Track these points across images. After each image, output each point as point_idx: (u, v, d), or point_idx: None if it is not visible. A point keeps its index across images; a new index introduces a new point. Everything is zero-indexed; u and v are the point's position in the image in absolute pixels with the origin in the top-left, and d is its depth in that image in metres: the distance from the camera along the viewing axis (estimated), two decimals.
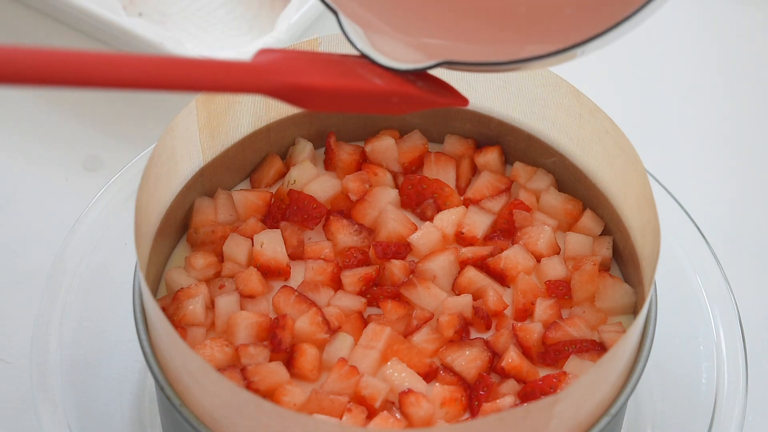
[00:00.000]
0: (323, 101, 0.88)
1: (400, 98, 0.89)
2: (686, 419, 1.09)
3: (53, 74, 0.75)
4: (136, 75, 0.78)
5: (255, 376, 0.95)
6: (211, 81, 0.82)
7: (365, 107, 0.93)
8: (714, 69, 1.55)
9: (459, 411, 0.95)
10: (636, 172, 0.98)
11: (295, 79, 0.84)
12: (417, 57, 0.90)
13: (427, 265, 1.04)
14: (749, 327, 1.13)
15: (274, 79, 0.84)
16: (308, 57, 0.88)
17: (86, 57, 0.76)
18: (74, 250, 1.15)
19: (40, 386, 1.06)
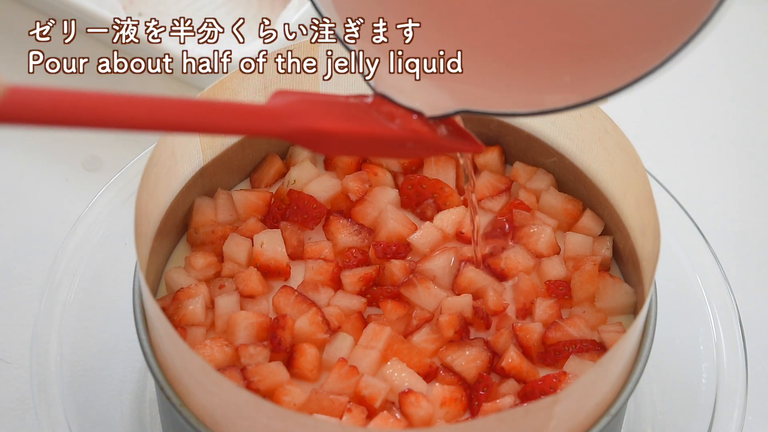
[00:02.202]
0: (339, 145, 0.88)
1: (415, 143, 0.89)
2: (686, 419, 1.09)
3: (69, 116, 0.75)
4: (152, 117, 0.78)
5: (255, 376, 0.95)
6: (226, 125, 0.82)
7: (380, 152, 0.94)
8: (714, 69, 1.55)
9: (459, 411, 0.95)
10: (636, 172, 0.98)
11: (311, 123, 0.84)
12: (440, 102, 0.89)
13: (427, 265, 1.04)
14: (749, 327, 1.13)
15: (290, 124, 0.84)
16: (324, 100, 0.88)
17: (105, 99, 0.76)
18: (74, 250, 1.15)
19: (40, 386, 1.06)
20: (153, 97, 0.79)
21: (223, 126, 0.83)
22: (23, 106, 0.73)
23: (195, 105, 0.81)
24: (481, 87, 0.90)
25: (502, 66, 0.89)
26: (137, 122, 0.78)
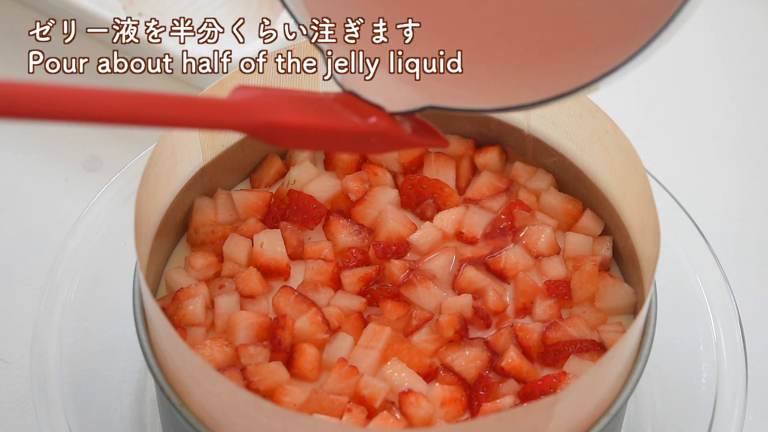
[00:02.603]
0: (300, 140, 0.87)
1: (379, 138, 0.88)
2: (686, 419, 1.09)
3: (16, 108, 0.73)
4: (109, 110, 0.76)
5: (255, 376, 0.95)
6: (184, 118, 0.80)
7: (343, 146, 0.92)
8: (714, 68, 1.55)
9: (459, 411, 0.95)
10: (636, 172, 0.98)
11: (271, 117, 0.83)
12: (407, 98, 0.88)
13: (427, 265, 1.04)
14: (749, 327, 1.13)
15: (250, 117, 0.82)
16: (286, 95, 0.87)
17: (59, 91, 0.74)
18: (74, 250, 1.15)
19: (40, 386, 1.06)
20: (107, 90, 0.77)
21: (181, 119, 0.81)
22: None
23: (153, 98, 0.79)
24: (448, 83, 0.89)
25: (470, 62, 0.88)
26: (91, 115, 0.76)
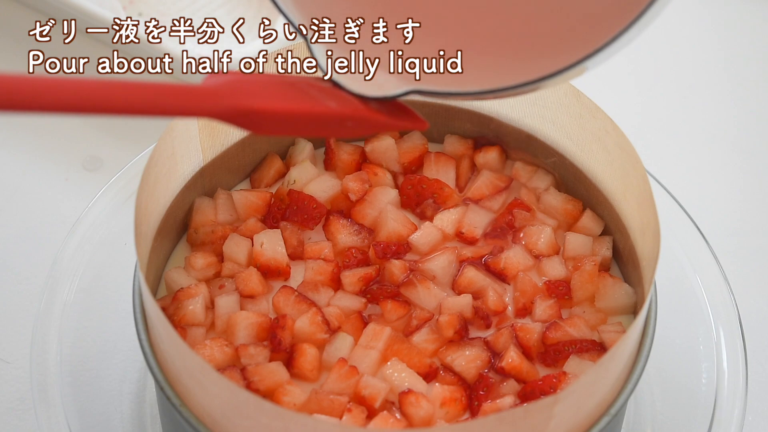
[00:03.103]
0: (274, 125, 0.85)
1: (355, 122, 0.88)
2: (686, 419, 1.09)
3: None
4: (80, 99, 0.75)
5: (255, 376, 0.95)
6: (155, 105, 0.79)
7: (318, 131, 0.91)
8: (714, 69, 1.56)
9: (459, 411, 0.95)
10: (636, 172, 0.98)
11: (244, 102, 0.82)
12: (387, 83, 0.88)
13: (427, 265, 1.04)
14: (749, 327, 1.13)
15: (223, 103, 0.81)
16: (260, 79, 0.86)
17: (23, 80, 0.73)
18: (74, 250, 1.15)
19: (40, 386, 1.06)
20: (79, 79, 0.76)
21: (153, 106, 0.79)
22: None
23: (123, 86, 0.77)
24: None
25: (454, 48, 0.88)
26: (62, 104, 0.75)
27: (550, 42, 0.85)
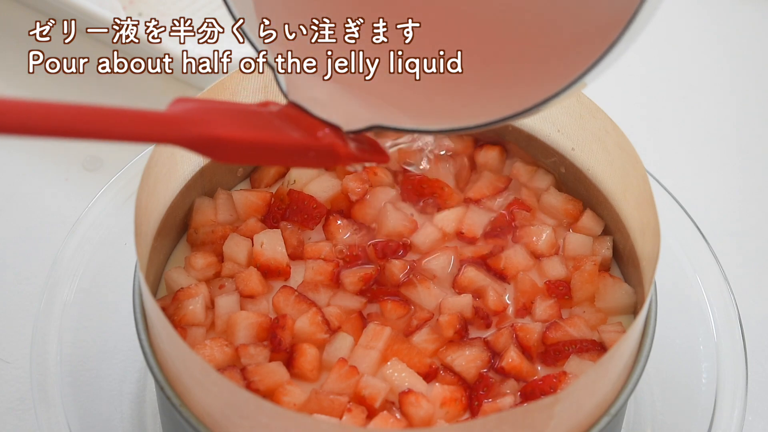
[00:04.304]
0: (237, 153, 0.85)
1: (317, 153, 0.87)
2: (686, 419, 1.09)
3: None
4: (42, 123, 0.74)
5: (255, 376, 0.95)
6: (120, 131, 0.78)
7: (281, 160, 0.90)
8: (714, 69, 1.56)
9: (459, 411, 0.95)
10: (636, 172, 0.98)
11: (207, 130, 0.81)
12: (351, 117, 0.88)
13: (427, 265, 1.04)
14: (749, 327, 1.13)
15: (186, 131, 0.81)
16: (224, 108, 0.86)
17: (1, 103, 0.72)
18: (74, 250, 1.15)
19: (40, 386, 1.06)
20: (42, 102, 0.75)
21: (117, 132, 0.79)
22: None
23: (87, 111, 0.77)
24: (400, 101, 0.89)
25: (423, 83, 0.88)
26: (25, 127, 0.74)
27: (527, 75, 0.85)
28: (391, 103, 0.89)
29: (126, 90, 1.44)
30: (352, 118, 0.88)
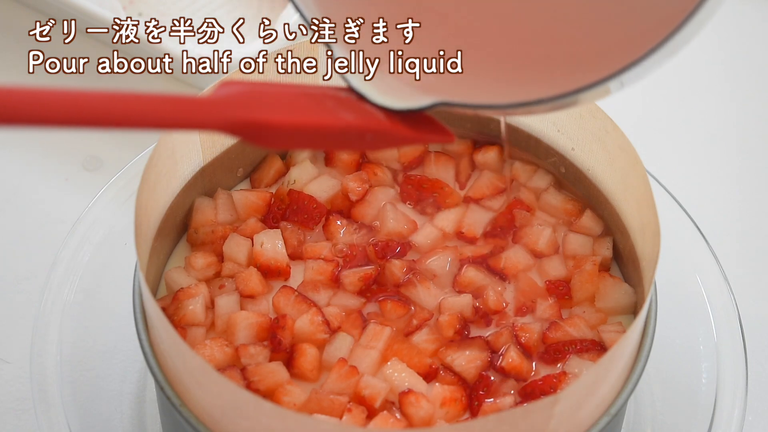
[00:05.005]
0: (288, 139, 0.80)
1: (375, 135, 0.82)
2: (686, 419, 1.09)
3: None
4: (79, 112, 0.70)
5: (255, 376, 0.95)
6: (159, 118, 0.73)
7: (335, 144, 0.85)
8: (714, 69, 1.55)
9: (459, 411, 0.95)
10: (636, 172, 0.98)
11: (256, 115, 0.76)
12: (412, 94, 0.83)
13: (427, 265, 1.04)
14: (749, 327, 1.13)
15: (233, 116, 0.75)
16: (272, 91, 0.80)
17: (22, 93, 0.68)
18: (74, 250, 1.15)
19: (40, 386, 1.06)
20: (81, 91, 0.70)
21: (159, 119, 0.73)
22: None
23: (126, 98, 0.72)
24: (455, 80, 0.84)
25: (479, 59, 0.85)
26: (66, 118, 0.70)
27: (584, 57, 0.81)
28: (449, 83, 0.84)
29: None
30: (411, 95, 0.83)
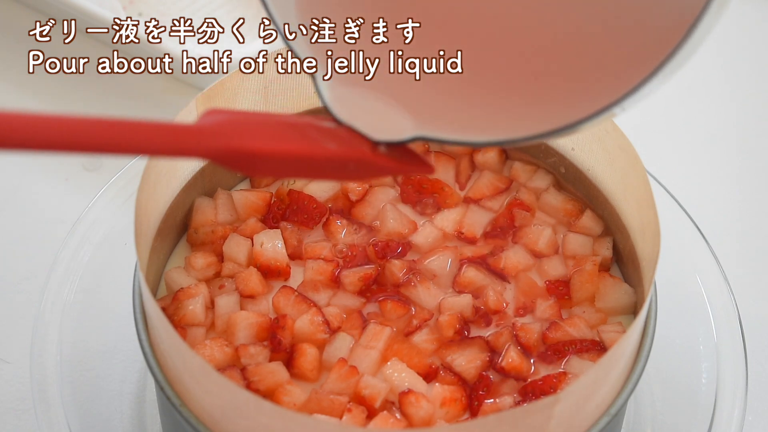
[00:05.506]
0: (271, 166, 0.81)
1: (357, 165, 0.84)
2: (686, 419, 1.09)
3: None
4: (67, 138, 0.71)
5: (255, 376, 0.95)
6: (146, 145, 0.74)
7: (319, 173, 0.86)
8: (714, 69, 1.55)
9: (459, 411, 0.95)
10: (636, 172, 0.98)
11: (240, 143, 0.77)
12: (393, 127, 0.85)
13: (427, 265, 1.04)
14: (749, 327, 1.13)
15: (217, 144, 0.77)
16: (257, 119, 0.82)
17: (15, 118, 0.69)
18: (74, 250, 1.15)
19: (40, 386, 1.06)
20: (71, 117, 0.72)
21: (144, 146, 0.75)
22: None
23: (116, 124, 0.73)
24: (443, 113, 0.86)
25: (470, 93, 0.86)
26: (55, 143, 0.71)
27: (577, 89, 0.82)
28: (434, 114, 0.86)
29: (126, 90, 1.44)
30: (393, 129, 0.85)
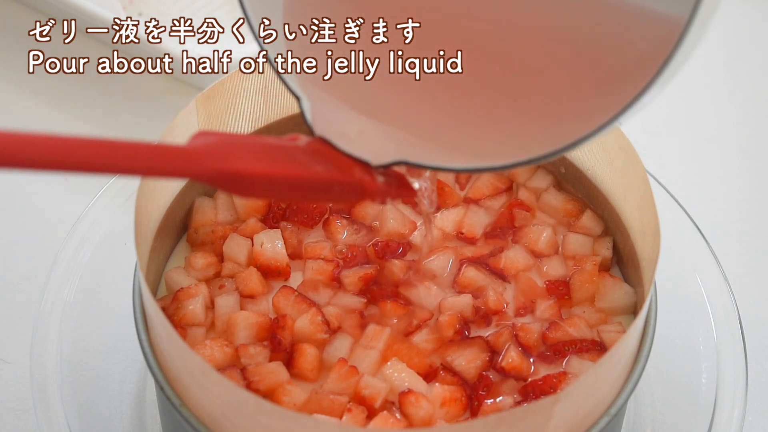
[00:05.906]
0: (260, 189, 0.83)
1: (342, 187, 0.86)
2: (686, 419, 1.09)
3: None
4: (58, 157, 0.71)
5: (255, 376, 0.95)
6: (136, 166, 0.76)
7: (305, 195, 0.88)
8: (714, 69, 1.55)
9: (459, 411, 0.95)
10: (636, 172, 0.98)
11: (229, 165, 0.79)
12: (376, 151, 0.86)
13: (427, 265, 1.04)
14: (749, 327, 1.13)
15: (207, 165, 0.78)
16: (246, 142, 0.84)
17: (13, 138, 0.70)
18: (74, 250, 1.15)
19: (40, 386, 1.06)
20: (61, 137, 0.72)
21: (135, 167, 0.76)
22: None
23: (107, 145, 0.74)
24: (428, 139, 0.87)
25: (452, 119, 0.87)
26: (44, 162, 0.71)
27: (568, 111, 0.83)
28: (419, 138, 0.88)
29: (126, 90, 1.44)
30: (378, 152, 0.87)
